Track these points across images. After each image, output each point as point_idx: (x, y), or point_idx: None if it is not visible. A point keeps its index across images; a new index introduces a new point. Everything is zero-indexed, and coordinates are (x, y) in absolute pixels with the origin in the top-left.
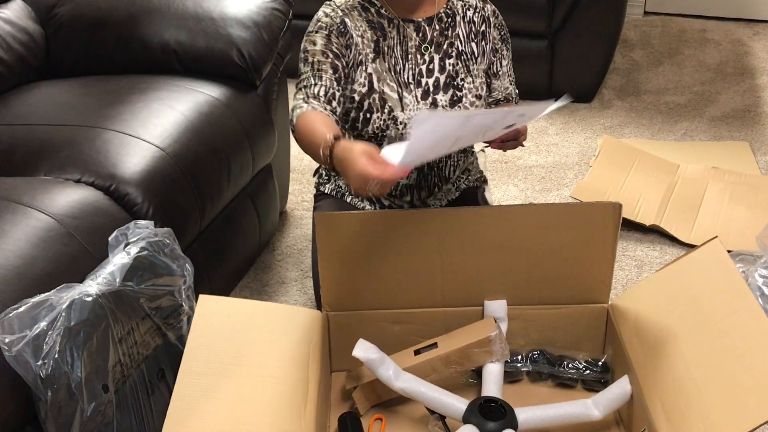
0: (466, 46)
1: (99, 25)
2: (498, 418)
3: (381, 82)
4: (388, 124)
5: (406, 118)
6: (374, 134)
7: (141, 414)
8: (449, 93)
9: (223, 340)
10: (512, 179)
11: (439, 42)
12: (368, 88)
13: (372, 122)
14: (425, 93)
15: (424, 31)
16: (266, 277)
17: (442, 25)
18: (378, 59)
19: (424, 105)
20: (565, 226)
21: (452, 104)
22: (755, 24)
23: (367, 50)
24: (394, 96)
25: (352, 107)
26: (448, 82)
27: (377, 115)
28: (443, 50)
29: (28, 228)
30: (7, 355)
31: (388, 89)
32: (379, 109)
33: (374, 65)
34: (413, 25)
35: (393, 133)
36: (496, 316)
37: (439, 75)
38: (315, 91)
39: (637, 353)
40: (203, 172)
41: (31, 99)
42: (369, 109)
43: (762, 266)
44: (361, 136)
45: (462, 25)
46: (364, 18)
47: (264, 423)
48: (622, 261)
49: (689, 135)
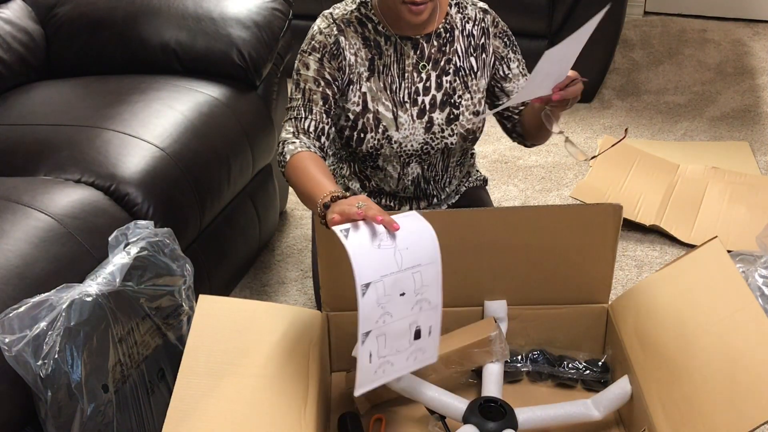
0: (465, 62)
1: (99, 25)
2: (498, 418)
3: (375, 101)
4: (383, 143)
5: (400, 137)
6: (368, 153)
7: (141, 414)
8: (446, 111)
9: (223, 340)
10: (512, 179)
11: (437, 58)
12: (362, 108)
13: (366, 141)
14: (421, 111)
15: (422, 48)
16: (266, 277)
17: (440, 41)
18: (373, 78)
19: (419, 123)
20: (566, 227)
21: (448, 122)
22: (755, 24)
23: (361, 69)
24: (388, 116)
25: (346, 125)
26: (444, 100)
27: (371, 135)
28: (440, 67)
29: (28, 228)
30: (7, 355)
31: (383, 108)
32: (374, 129)
33: (369, 84)
34: (411, 42)
35: (388, 151)
36: (496, 316)
37: (436, 93)
38: (305, 125)
39: (637, 353)
40: (203, 172)
41: (31, 99)
42: (363, 129)
43: (762, 266)
44: (356, 154)
45: (461, 40)
46: (359, 34)
47: (264, 423)
48: (622, 261)
49: (689, 135)
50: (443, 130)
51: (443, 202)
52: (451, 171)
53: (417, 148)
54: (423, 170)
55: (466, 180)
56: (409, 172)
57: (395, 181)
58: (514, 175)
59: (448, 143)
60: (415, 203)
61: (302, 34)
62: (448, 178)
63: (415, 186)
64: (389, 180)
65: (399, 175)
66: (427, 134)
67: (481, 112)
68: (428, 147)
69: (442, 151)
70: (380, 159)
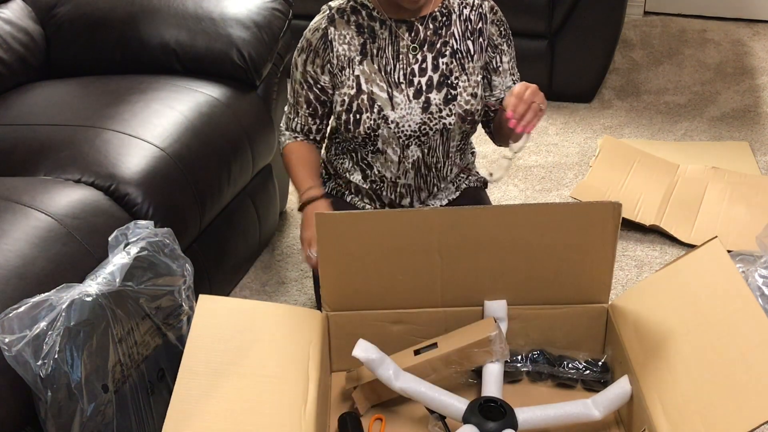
0: (462, 44)
1: (99, 25)
2: (498, 418)
3: (369, 83)
4: (379, 123)
5: (397, 117)
6: (366, 134)
7: (141, 414)
8: (443, 91)
9: (223, 340)
10: (512, 179)
11: (433, 41)
12: (356, 90)
13: (362, 122)
14: (417, 92)
15: (417, 30)
16: (266, 277)
17: (436, 24)
18: (366, 61)
19: (416, 103)
20: (565, 226)
21: (446, 102)
22: (755, 24)
23: (353, 54)
24: (383, 95)
25: (342, 110)
26: (441, 81)
27: (367, 115)
28: (437, 49)
29: (28, 228)
30: (7, 355)
31: (377, 89)
32: (369, 108)
33: (361, 67)
34: (406, 25)
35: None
36: (496, 316)
37: (432, 74)
38: (293, 124)
39: (637, 353)
40: (203, 172)
41: (31, 99)
42: (358, 110)
43: (762, 266)
44: (355, 138)
45: (458, 24)
46: (353, 22)
47: (264, 423)
48: (622, 261)
49: (689, 135)
50: (441, 110)
51: (442, 192)
52: (452, 157)
53: (415, 128)
54: (423, 154)
55: (467, 176)
56: (409, 155)
57: (396, 165)
58: (514, 175)
59: (446, 123)
60: (415, 194)
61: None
62: (450, 166)
63: (416, 170)
64: (390, 165)
65: (399, 158)
66: (424, 114)
67: (479, 95)
68: (426, 128)
69: (441, 133)
70: (379, 141)
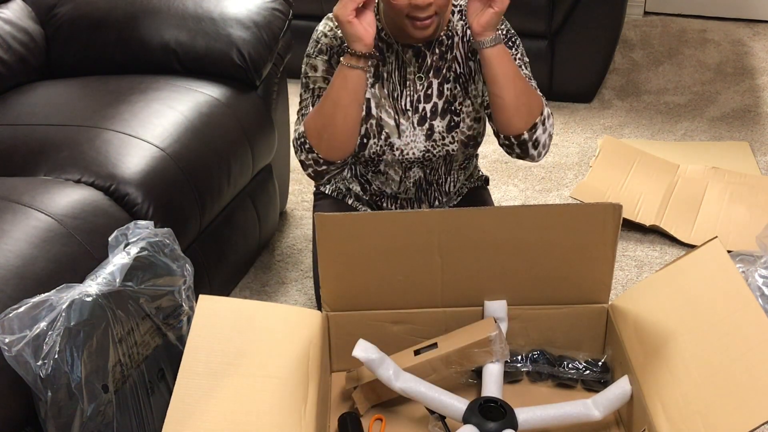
0: (464, 67)
1: (99, 25)
2: (498, 419)
3: (379, 108)
4: (384, 150)
5: (402, 144)
6: (371, 158)
7: (141, 414)
8: (446, 118)
9: (223, 340)
10: (512, 179)
11: (439, 66)
12: (366, 113)
13: (369, 147)
14: (422, 119)
15: (424, 56)
16: (266, 277)
17: (442, 49)
18: (377, 84)
19: (420, 130)
20: (566, 226)
21: (449, 130)
22: (755, 24)
23: (367, 75)
24: (391, 122)
25: None
26: (445, 108)
27: (374, 141)
28: (442, 74)
29: (28, 228)
30: (7, 355)
31: (386, 115)
32: (376, 135)
33: (373, 90)
34: (413, 50)
35: (389, 158)
36: (496, 316)
37: (437, 100)
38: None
39: (637, 353)
40: (203, 172)
41: (31, 99)
42: (366, 135)
43: (762, 266)
44: (358, 158)
45: (460, 46)
46: None
47: (264, 423)
48: (622, 261)
49: (689, 135)
50: (444, 138)
51: (444, 205)
52: (455, 174)
53: (419, 155)
54: (425, 174)
55: (469, 182)
56: (411, 176)
57: (397, 184)
58: (514, 175)
59: (450, 150)
60: (416, 205)
61: (302, 34)
62: (452, 182)
63: (417, 187)
64: (391, 183)
65: (401, 178)
66: (428, 141)
67: (482, 117)
68: (430, 154)
69: (444, 158)
70: (382, 164)
